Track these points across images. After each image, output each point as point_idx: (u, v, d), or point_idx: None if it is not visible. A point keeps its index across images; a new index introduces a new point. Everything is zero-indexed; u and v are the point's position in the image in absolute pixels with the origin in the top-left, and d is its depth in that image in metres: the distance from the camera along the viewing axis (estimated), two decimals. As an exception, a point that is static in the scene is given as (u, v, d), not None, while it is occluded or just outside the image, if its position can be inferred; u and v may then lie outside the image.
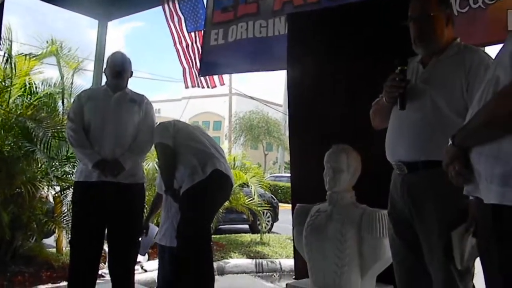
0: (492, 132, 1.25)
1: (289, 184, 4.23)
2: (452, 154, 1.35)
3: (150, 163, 5.26)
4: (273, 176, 18.54)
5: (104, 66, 3.02)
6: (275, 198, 9.23)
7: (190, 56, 4.31)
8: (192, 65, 4.26)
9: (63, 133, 4.00)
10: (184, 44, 4.35)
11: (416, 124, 1.78)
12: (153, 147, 3.03)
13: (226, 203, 5.20)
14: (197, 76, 4.24)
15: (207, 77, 4.23)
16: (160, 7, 4.24)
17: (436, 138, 1.69)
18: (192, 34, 4.29)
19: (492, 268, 1.26)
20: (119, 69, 2.90)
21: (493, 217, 1.23)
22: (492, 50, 2.74)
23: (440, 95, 1.75)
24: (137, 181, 2.87)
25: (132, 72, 2.99)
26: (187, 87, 4.41)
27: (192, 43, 4.30)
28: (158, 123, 3.01)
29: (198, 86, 4.36)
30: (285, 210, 8.77)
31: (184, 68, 4.37)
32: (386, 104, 1.92)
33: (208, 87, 4.33)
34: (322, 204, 2.62)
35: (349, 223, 2.45)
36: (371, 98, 2.07)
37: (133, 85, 2.98)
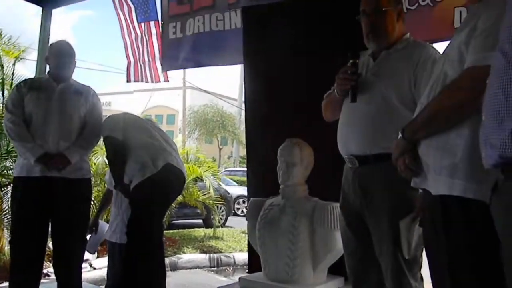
0: (439, 124, 1.28)
1: (244, 179, 4.23)
2: (402, 148, 1.37)
3: (99, 157, 5.09)
4: (228, 170, 18.49)
5: (47, 55, 2.86)
6: (229, 192, 9.21)
7: (138, 48, 4.17)
8: (139, 58, 4.13)
9: (2, 125, 3.77)
10: (133, 35, 4.20)
11: (366, 117, 1.81)
12: (101, 141, 2.92)
13: (180, 198, 5.13)
14: (143, 69, 4.11)
15: (152, 71, 4.11)
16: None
17: (386, 130, 1.71)
18: (142, 25, 4.15)
19: (439, 258, 1.30)
20: (66, 59, 2.76)
21: (442, 207, 1.26)
22: (440, 47, 2.85)
23: (389, 88, 1.79)
24: (84, 175, 2.76)
25: (75, 62, 2.86)
26: (129, 81, 4.28)
27: (141, 34, 4.16)
28: (107, 116, 2.89)
29: (142, 81, 4.23)
30: (239, 204, 8.81)
31: (129, 61, 4.23)
32: (337, 96, 1.94)
33: (152, 81, 4.21)
34: (275, 198, 2.63)
35: (302, 216, 2.47)
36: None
37: (82, 76, 2.86)
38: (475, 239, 1.20)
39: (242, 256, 5.19)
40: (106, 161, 3.93)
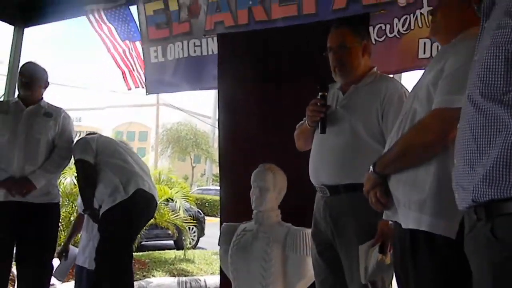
0: (408, 161, 1.34)
1: (216, 197, 4.22)
2: (373, 181, 1.42)
3: (67, 178, 4.98)
4: (200, 189, 18.38)
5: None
6: (201, 213, 9.12)
7: (129, 60, 4.13)
8: (133, 68, 4.09)
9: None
10: (120, 49, 4.16)
11: (337, 148, 1.86)
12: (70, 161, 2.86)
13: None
14: (139, 77, 4.08)
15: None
16: (84, 16, 4.04)
17: (355, 162, 1.77)
18: (127, 42, 4.13)
19: None
20: (26, 80, 2.73)
21: (411, 241, 1.31)
22: (406, 77, 2.97)
23: (358, 121, 1.85)
24: (51, 200, 2.71)
25: (48, 82, 2.82)
26: (129, 88, 4.24)
27: (129, 50, 4.14)
28: (79, 138, 2.85)
29: (143, 87, 4.20)
30: (212, 224, 8.69)
31: (123, 71, 4.18)
32: (308, 127, 1.99)
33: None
34: (248, 223, 2.63)
35: (274, 242, 2.48)
36: (299, 120, 2.14)
37: (51, 92, 2.81)
38: (441, 272, 1.25)
39: (214, 279, 5.11)
40: (75, 181, 3.85)
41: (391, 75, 2.53)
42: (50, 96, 2.87)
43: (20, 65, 3.01)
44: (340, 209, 1.85)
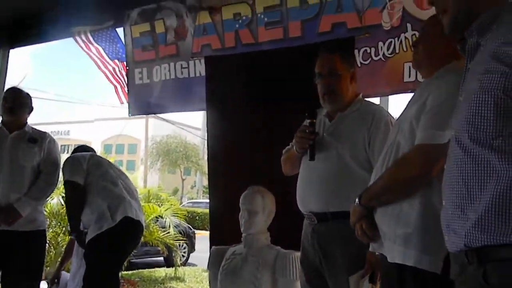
0: (392, 195, 1.35)
1: (207, 210, 4.19)
2: (359, 213, 1.43)
3: (54, 198, 4.92)
4: (191, 202, 18.28)
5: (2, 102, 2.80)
6: (191, 228, 9.04)
7: (119, 77, 4.12)
8: (124, 85, 4.07)
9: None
10: (110, 67, 4.15)
11: (324, 176, 1.86)
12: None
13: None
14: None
15: None
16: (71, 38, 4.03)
17: (343, 189, 1.78)
18: (116, 61, 4.12)
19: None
20: (10, 105, 2.71)
21: (397, 275, 1.32)
22: (394, 100, 2.99)
23: (345, 148, 1.86)
24: (37, 228, 2.66)
25: (32, 107, 2.80)
26: (122, 102, 4.21)
27: (118, 69, 4.13)
28: (70, 156, 2.79)
29: None
30: (203, 237, 8.58)
31: (115, 86, 4.17)
32: (296, 153, 1.99)
33: None
34: (237, 246, 2.61)
35: (264, 265, 2.46)
36: (285, 141, 2.14)
37: (39, 107, 2.77)
38: None
39: (204, 298, 5.07)
40: (62, 202, 3.79)
41: (378, 99, 2.56)
42: (38, 111, 2.84)
43: (6, 87, 2.99)
44: (328, 237, 1.85)
